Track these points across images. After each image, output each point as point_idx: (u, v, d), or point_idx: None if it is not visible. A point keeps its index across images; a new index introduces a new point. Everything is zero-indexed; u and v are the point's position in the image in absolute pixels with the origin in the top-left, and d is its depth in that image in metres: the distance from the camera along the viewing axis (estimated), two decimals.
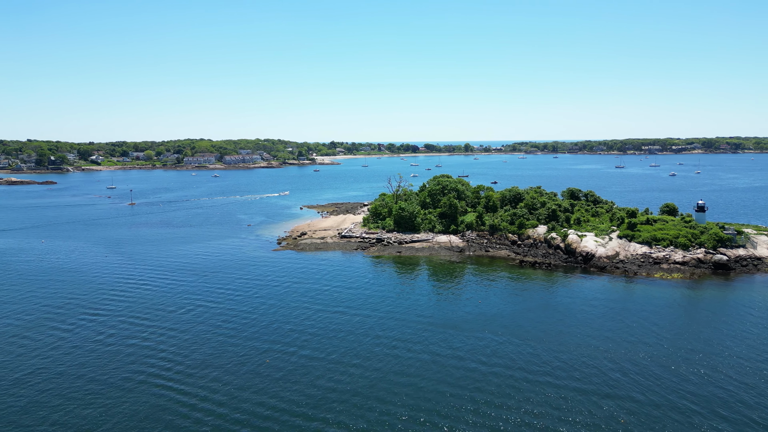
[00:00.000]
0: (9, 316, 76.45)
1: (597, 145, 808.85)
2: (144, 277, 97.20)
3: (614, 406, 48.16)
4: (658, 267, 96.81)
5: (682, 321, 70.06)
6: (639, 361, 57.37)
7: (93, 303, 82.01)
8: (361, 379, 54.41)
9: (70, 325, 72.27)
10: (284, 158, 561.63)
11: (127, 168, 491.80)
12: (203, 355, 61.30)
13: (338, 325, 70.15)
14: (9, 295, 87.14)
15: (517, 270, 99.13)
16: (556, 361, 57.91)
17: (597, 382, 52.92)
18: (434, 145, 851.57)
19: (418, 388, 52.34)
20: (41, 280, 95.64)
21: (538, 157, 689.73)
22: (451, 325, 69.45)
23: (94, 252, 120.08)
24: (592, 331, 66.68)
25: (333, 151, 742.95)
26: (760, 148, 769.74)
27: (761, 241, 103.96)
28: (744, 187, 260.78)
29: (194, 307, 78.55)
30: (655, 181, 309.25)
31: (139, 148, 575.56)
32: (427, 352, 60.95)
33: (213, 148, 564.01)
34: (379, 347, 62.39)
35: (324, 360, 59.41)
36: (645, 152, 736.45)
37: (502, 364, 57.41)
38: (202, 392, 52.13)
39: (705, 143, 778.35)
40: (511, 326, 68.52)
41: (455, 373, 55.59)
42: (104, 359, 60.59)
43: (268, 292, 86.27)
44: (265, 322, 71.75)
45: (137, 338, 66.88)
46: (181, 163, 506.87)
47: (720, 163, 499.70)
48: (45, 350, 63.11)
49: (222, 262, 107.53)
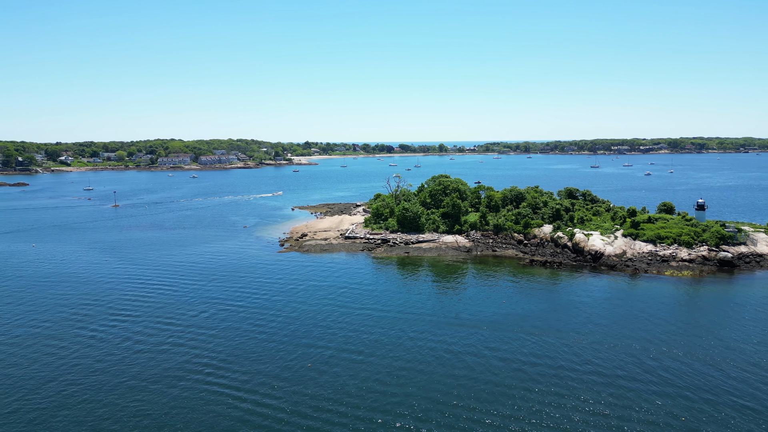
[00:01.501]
0: (33, 322, 73.79)
1: (568, 146, 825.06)
2: (155, 280, 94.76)
3: (670, 404, 49.03)
4: (666, 265, 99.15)
5: (709, 317, 71.76)
6: (680, 358, 58.58)
7: (113, 307, 79.93)
8: (412, 379, 54.13)
9: (99, 329, 70.47)
10: (261, 158, 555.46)
11: (98, 169, 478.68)
12: (247, 357, 60.34)
13: (370, 325, 69.65)
14: (23, 300, 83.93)
15: (529, 269, 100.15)
16: (596, 359, 58.67)
17: (646, 380, 53.80)
18: (409, 146, 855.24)
19: (470, 388, 52.39)
20: (49, 285, 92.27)
21: (511, 158, 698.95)
22: (483, 325, 69.69)
23: (93, 256, 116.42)
24: (624, 329, 67.80)
25: (308, 151, 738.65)
26: (723, 147, 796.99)
27: (760, 238, 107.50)
28: (720, 186, 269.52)
29: (218, 310, 77.00)
30: (632, 180, 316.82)
31: (109, 149, 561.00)
32: (469, 353, 61.00)
33: (187, 148, 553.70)
34: (419, 347, 62.17)
35: (368, 360, 59.00)
36: (614, 152, 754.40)
37: (546, 363, 57.85)
38: (259, 395, 51.12)
39: (671, 143, 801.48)
40: (542, 326, 69.15)
41: (503, 372, 55.89)
42: (146, 363, 59.23)
43: (287, 293, 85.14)
44: (297, 324, 70.94)
45: (171, 343, 65.40)
46: (155, 163, 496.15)
47: (689, 162, 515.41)
48: (82, 355, 60.92)
49: (230, 265, 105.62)
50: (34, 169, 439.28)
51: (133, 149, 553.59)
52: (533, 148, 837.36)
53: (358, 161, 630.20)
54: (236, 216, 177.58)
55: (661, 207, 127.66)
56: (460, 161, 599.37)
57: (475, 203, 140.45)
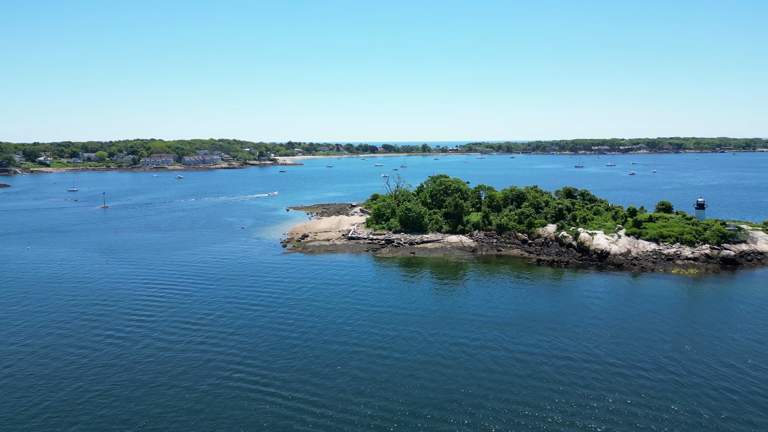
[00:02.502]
0: (50, 325, 72.31)
1: (549, 146, 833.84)
2: (164, 282, 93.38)
3: (714, 404, 49.75)
4: (672, 263, 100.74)
5: (727, 315, 72.86)
6: (715, 355, 59.47)
7: (127, 309, 78.87)
8: (449, 377, 54.07)
9: (118, 331, 69.63)
10: (245, 158, 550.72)
11: (78, 170, 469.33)
12: (275, 356, 60.22)
13: (396, 325, 69.43)
14: (32, 303, 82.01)
15: (536, 269, 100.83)
16: (623, 356, 59.29)
17: (674, 377, 54.55)
18: (392, 146, 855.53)
19: (514, 384, 52.83)
20: (55, 289, 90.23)
21: (495, 158, 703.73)
22: (506, 324, 69.95)
23: (93, 259, 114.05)
24: (644, 326, 68.66)
25: (291, 151, 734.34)
26: (699, 147, 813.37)
27: (759, 236, 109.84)
28: (704, 185, 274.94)
29: (233, 311, 76.29)
30: (618, 180, 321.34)
31: (88, 149, 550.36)
32: (500, 348, 61.28)
33: (169, 149, 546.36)
34: (445, 345, 62.19)
35: (401, 359, 58.92)
36: (595, 152, 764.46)
37: (575, 358, 58.30)
38: (296, 395, 50.58)
39: (649, 143, 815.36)
40: (563, 324, 69.63)
41: (541, 368, 56.39)
42: (178, 365, 58.63)
43: (299, 294, 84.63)
44: (317, 323, 70.82)
45: (201, 343, 65.18)
46: (137, 164, 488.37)
47: (670, 162, 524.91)
48: (109, 356, 59.63)
49: (235, 266, 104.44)
50: (13, 170, 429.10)
51: (113, 149, 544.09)
52: (515, 149, 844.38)
53: (342, 161, 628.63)
54: (231, 217, 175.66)
55: (660, 206, 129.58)
56: (444, 161, 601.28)
57: (475, 203, 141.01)
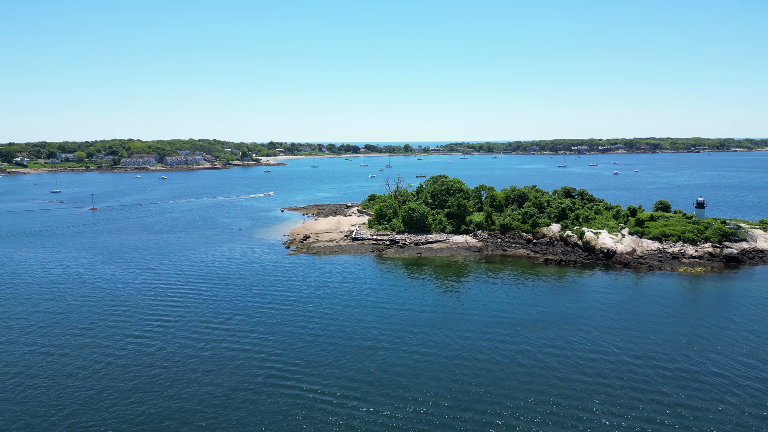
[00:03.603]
0: (71, 329, 70.68)
1: (529, 146, 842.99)
2: (174, 285, 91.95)
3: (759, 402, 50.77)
4: (678, 262, 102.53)
5: (752, 312, 74.16)
6: (755, 354, 60.66)
7: (149, 312, 77.84)
8: (487, 376, 54.14)
9: (143, 334, 68.64)
10: (228, 159, 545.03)
11: (57, 170, 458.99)
12: (307, 358, 59.87)
13: (421, 325, 69.32)
14: (43, 307, 79.85)
15: (545, 268, 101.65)
16: (654, 354, 60.15)
17: (717, 375, 55.52)
18: (374, 146, 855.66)
19: (560, 378, 53.20)
20: (64, 292, 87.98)
21: (478, 158, 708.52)
22: (531, 323, 70.35)
23: (95, 262, 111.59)
24: (666, 325, 69.74)
25: (273, 151, 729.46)
26: (675, 147, 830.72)
27: (758, 234, 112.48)
28: (687, 185, 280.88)
29: (252, 313, 75.68)
30: (603, 180, 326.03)
31: (65, 149, 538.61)
32: (532, 345, 61.59)
33: (150, 149, 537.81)
34: (480, 343, 62.26)
35: (437, 357, 59.16)
36: (575, 152, 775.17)
37: (605, 359, 58.91)
38: (339, 393, 50.11)
39: (627, 144, 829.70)
40: (586, 323, 70.30)
41: (586, 364, 57.13)
42: (210, 365, 58.27)
43: (315, 294, 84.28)
44: (345, 325, 70.48)
45: (231, 342, 65.10)
46: (118, 164, 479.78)
47: (649, 162, 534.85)
48: (138, 360, 58.23)
49: (243, 268, 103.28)
50: None
51: (92, 150, 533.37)
52: (496, 149, 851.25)
53: (326, 161, 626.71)
54: (226, 218, 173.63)
55: (658, 205, 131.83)
56: (428, 161, 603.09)
57: (476, 203, 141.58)
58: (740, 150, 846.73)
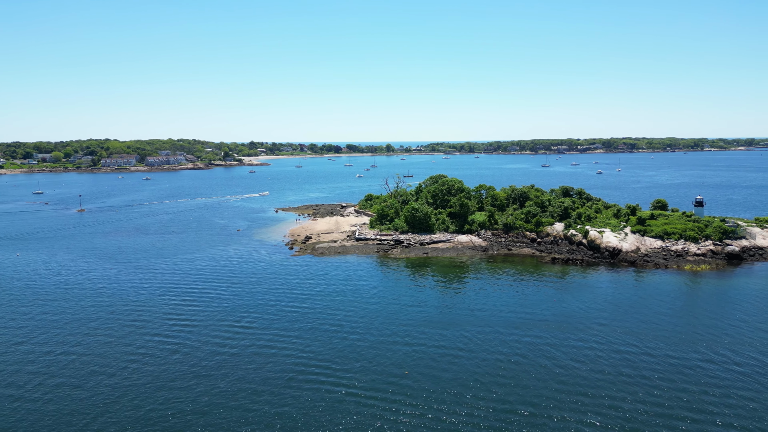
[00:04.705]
0: (95, 331, 68.57)
1: (510, 146, 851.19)
2: (186, 286, 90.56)
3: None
4: (682, 259, 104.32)
5: (759, 309, 75.93)
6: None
7: (168, 314, 76.52)
8: (527, 374, 54.30)
9: (173, 336, 67.71)
10: (210, 159, 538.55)
11: (34, 171, 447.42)
12: (339, 355, 59.34)
13: (446, 325, 69.19)
14: (59, 310, 77.92)
15: (552, 267, 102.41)
16: (695, 351, 61.06)
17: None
18: (356, 146, 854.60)
19: (598, 372, 53.44)
20: (73, 296, 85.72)
21: (460, 157, 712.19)
22: (553, 322, 70.78)
23: (96, 264, 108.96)
24: (698, 322, 70.86)
25: (254, 151, 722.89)
26: (651, 147, 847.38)
27: (755, 232, 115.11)
28: (670, 184, 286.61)
29: (279, 313, 74.85)
30: (587, 179, 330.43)
31: (41, 149, 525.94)
32: (562, 344, 61.92)
33: (129, 149, 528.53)
34: (510, 344, 62.43)
35: (471, 358, 59.26)
36: (555, 152, 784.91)
37: (635, 352, 59.63)
38: (377, 389, 49.74)
39: (605, 143, 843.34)
40: (613, 320, 71.03)
41: (638, 360, 57.46)
42: (246, 366, 58.05)
43: (338, 294, 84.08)
44: (371, 324, 70.25)
45: (263, 341, 65.29)
46: (97, 165, 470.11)
47: (629, 161, 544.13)
48: (172, 361, 56.91)
49: (252, 269, 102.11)
50: None
51: (69, 150, 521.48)
52: (477, 149, 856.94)
53: (309, 161, 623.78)
54: (221, 219, 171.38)
55: (656, 203, 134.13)
56: (411, 161, 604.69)
57: (476, 203, 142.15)
58: (714, 149, 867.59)
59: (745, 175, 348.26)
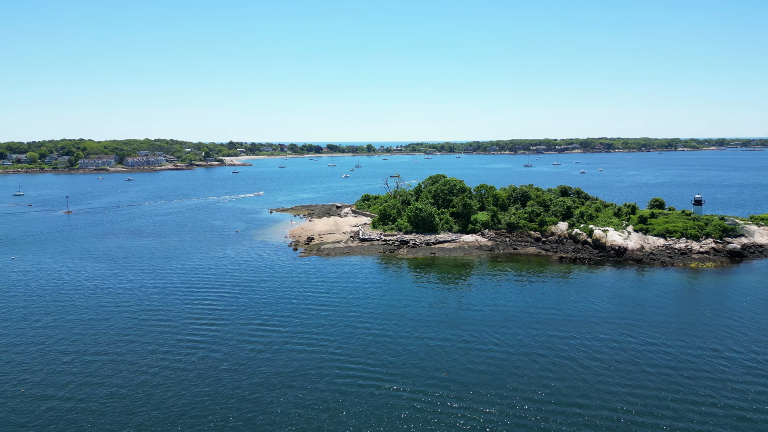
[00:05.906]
0: (118, 333, 66.58)
1: (489, 146, 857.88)
2: (201, 289, 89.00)
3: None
4: (687, 257, 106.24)
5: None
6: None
7: (189, 316, 75.43)
8: (571, 372, 54.57)
9: (204, 337, 67.07)
10: (190, 159, 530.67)
11: (8, 172, 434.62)
12: (373, 352, 58.91)
13: (475, 324, 69.24)
14: (73, 313, 75.36)
15: (560, 266, 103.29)
16: (713, 353, 62.19)
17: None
18: (337, 146, 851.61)
19: (626, 368, 53.92)
20: (83, 298, 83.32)
21: (441, 158, 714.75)
22: (578, 320, 71.34)
23: (98, 268, 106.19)
24: (716, 320, 72.16)
25: (234, 151, 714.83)
26: (627, 147, 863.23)
27: (753, 229, 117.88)
28: (653, 183, 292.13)
29: (303, 313, 74.29)
30: (572, 179, 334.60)
31: (14, 150, 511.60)
32: (596, 341, 62.41)
33: (106, 149, 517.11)
34: (544, 340, 62.76)
35: (508, 355, 59.56)
36: (534, 152, 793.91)
37: (659, 349, 60.48)
38: (419, 391, 49.46)
39: (582, 143, 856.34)
40: (636, 318, 71.84)
41: (654, 358, 57.96)
42: (282, 366, 57.98)
43: (355, 295, 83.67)
44: (403, 324, 70.05)
45: (296, 342, 64.88)
46: (75, 165, 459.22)
47: (609, 161, 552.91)
48: (206, 360, 55.60)
49: (259, 270, 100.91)
50: None
51: (44, 150, 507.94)
52: (457, 149, 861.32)
53: (290, 161, 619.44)
54: (216, 220, 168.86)
55: (653, 202, 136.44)
56: (394, 161, 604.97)
57: (478, 202, 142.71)
58: (687, 149, 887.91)
59: (723, 174, 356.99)
